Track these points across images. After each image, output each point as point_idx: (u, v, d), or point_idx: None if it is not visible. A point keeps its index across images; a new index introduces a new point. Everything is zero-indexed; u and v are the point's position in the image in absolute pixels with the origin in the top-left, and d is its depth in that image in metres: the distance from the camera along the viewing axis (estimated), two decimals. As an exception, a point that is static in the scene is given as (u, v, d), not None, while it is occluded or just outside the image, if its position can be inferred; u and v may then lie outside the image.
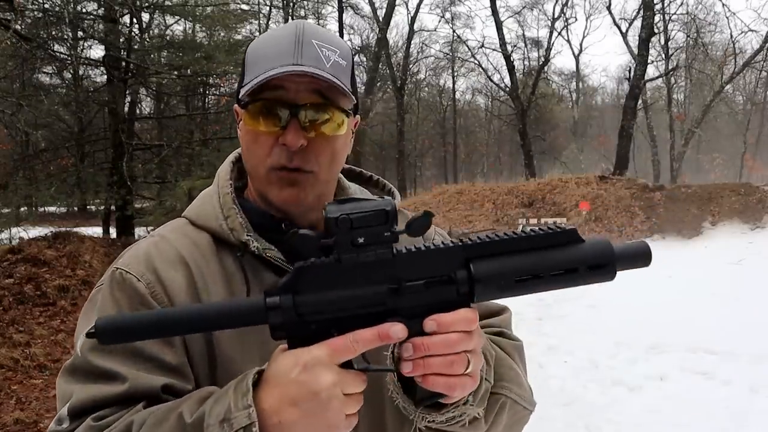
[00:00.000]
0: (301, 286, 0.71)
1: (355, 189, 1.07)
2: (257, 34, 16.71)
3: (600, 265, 0.74)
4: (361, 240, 0.70)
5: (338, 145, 0.91)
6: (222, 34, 12.79)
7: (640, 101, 21.40)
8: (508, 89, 24.77)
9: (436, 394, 0.75)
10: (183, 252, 0.92)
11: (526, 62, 31.92)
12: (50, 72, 14.16)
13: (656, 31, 20.66)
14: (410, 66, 29.43)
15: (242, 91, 0.90)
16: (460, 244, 0.75)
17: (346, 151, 0.95)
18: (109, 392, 0.81)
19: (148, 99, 18.87)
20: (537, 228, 0.75)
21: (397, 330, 0.70)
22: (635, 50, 20.06)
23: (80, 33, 12.69)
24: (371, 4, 24.48)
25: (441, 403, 0.80)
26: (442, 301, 0.73)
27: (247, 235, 0.90)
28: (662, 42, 25.74)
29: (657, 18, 21.33)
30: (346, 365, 0.71)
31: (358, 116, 0.98)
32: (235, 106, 0.98)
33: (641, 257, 0.76)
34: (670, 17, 24.72)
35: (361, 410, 0.86)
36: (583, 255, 0.74)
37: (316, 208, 0.93)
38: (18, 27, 8.66)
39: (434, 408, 0.81)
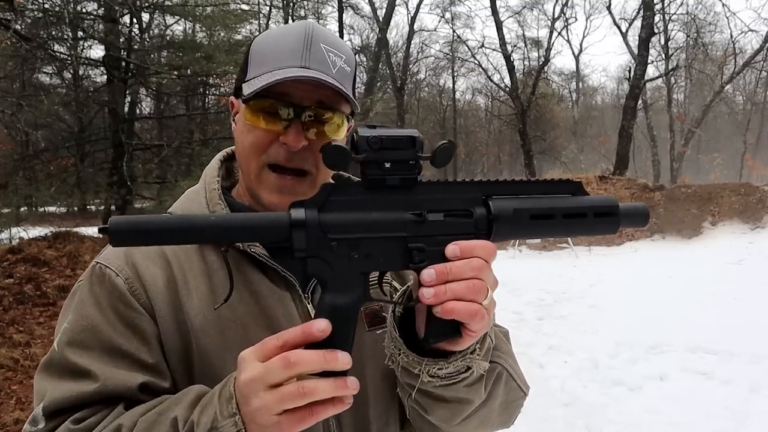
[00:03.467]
0: (327, 203, 0.71)
1: None
2: (257, 34, 16.69)
3: (606, 214, 0.79)
4: (387, 165, 0.71)
5: None
6: (222, 34, 12.77)
7: (640, 101, 21.40)
8: (508, 89, 24.75)
9: (450, 330, 0.74)
10: (164, 248, 0.92)
11: (526, 62, 31.93)
12: (50, 72, 14.17)
13: (656, 31, 20.65)
14: (410, 66, 29.43)
15: (245, 87, 0.89)
16: (478, 181, 0.77)
17: None
18: (82, 391, 0.81)
19: (148, 99, 18.89)
20: (542, 180, 0.79)
21: (321, 325, 0.68)
22: (635, 50, 20.06)
23: (80, 33, 12.69)
24: (371, 4, 24.47)
25: (448, 353, 0.79)
26: (461, 234, 0.74)
27: None
28: (662, 42, 25.75)
29: (657, 18, 21.34)
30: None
31: (353, 121, 0.98)
32: (232, 98, 0.98)
33: (641, 216, 0.82)
34: (670, 17, 24.73)
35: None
36: (592, 202, 0.79)
37: None
38: (18, 27, 8.66)
39: (441, 356, 0.80)
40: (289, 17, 22.39)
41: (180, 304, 0.89)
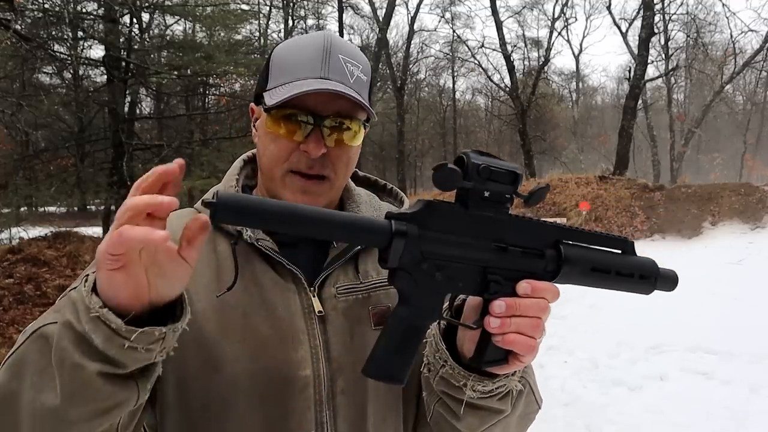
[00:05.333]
0: (427, 220, 0.72)
1: (360, 192, 1.09)
2: (257, 34, 16.74)
3: (647, 277, 0.87)
4: (487, 194, 0.74)
5: (353, 153, 0.97)
6: (222, 34, 12.79)
7: (640, 101, 21.40)
8: (508, 89, 24.75)
9: (502, 356, 0.79)
10: (176, 236, 0.92)
11: (526, 62, 31.92)
12: (50, 72, 14.16)
13: (656, 31, 20.64)
14: (410, 66, 29.41)
15: (267, 97, 0.92)
16: (555, 224, 0.82)
17: (357, 158, 1.00)
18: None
19: (148, 99, 18.90)
20: (603, 232, 0.86)
21: (174, 167, 0.63)
22: (635, 50, 20.05)
23: (80, 33, 12.70)
24: (371, 4, 24.46)
25: (490, 373, 0.83)
26: (530, 273, 0.79)
27: None
28: (662, 42, 25.74)
29: (657, 18, 21.33)
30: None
31: (368, 126, 1.01)
32: (252, 104, 1.01)
33: (672, 281, 0.90)
34: (670, 17, 24.72)
35: (342, 403, 0.91)
36: (640, 264, 0.87)
37: None
38: (18, 27, 8.66)
39: (486, 375, 0.84)
40: (289, 17, 22.41)
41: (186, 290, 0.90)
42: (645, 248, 12.99)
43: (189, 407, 0.88)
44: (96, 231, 13.31)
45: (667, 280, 0.89)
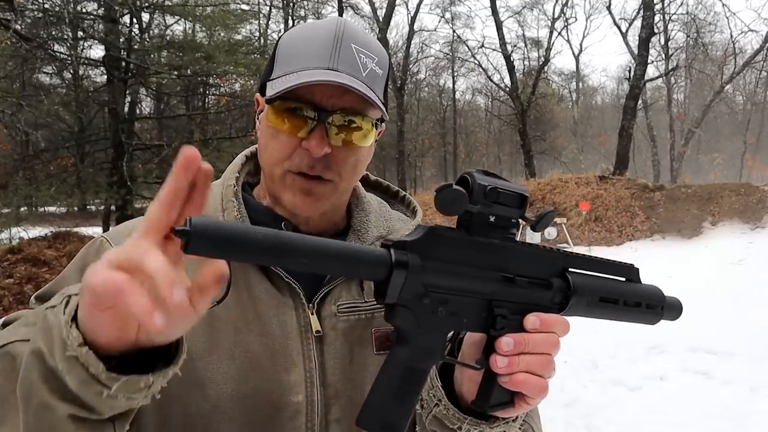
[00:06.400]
0: (429, 249, 0.64)
1: (370, 199, 1.00)
2: (257, 34, 16.72)
3: (653, 307, 0.82)
4: (492, 219, 0.67)
5: (362, 155, 0.86)
6: (222, 34, 12.80)
7: (640, 101, 21.40)
8: (508, 89, 24.74)
9: (508, 398, 0.72)
10: None
11: (526, 62, 31.92)
12: (50, 72, 14.19)
13: (656, 31, 20.64)
14: (410, 66, 29.41)
15: (269, 87, 0.84)
16: (560, 251, 0.75)
17: (368, 161, 0.90)
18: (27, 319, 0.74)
19: (148, 99, 18.91)
20: (609, 259, 0.81)
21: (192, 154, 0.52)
22: (635, 50, 20.06)
23: (80, 33, 12.71)
24: (371, 4, 24.46)
25: (489, 416, 0.75)
26: (536, 305, 0.72)
27: None
28: (662, 42, 25.76)
29: (657, 18, 21.33)
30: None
31: (383, 125, 0.92)
32: (257, 95, 0.92)
33: (677, 311, 0.86)
34: (670, 17, 24.73)
35: (339, 407, 0.84)
36: (648, 293, 0.82)
37: (326, 214, 0.90)
38: (18, 27, 8.66)
39: (483, 419, 0.76)
40: (289, 17, 22.40)
41: None
42: (645, 248, 12.99)
43: (167, 429, 0.78)
44: (96, 231, 13.32)
45: (672, 309, 0.85)
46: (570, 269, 0.75)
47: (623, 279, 0.81)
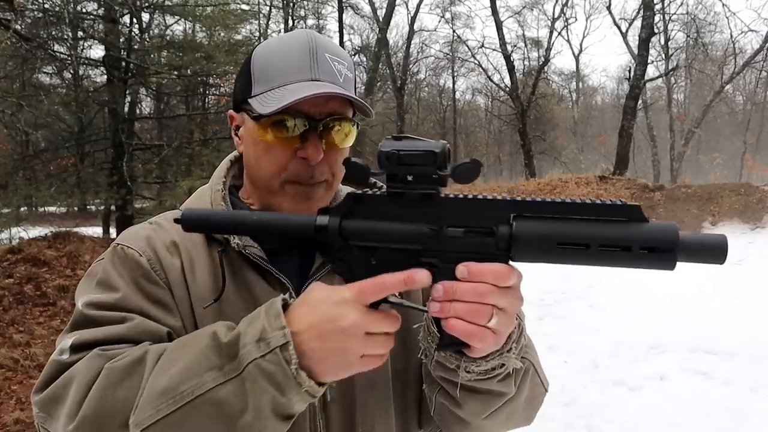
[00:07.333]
0: (351, 212, 0.76)
1: (341, 189, 1.06)
2: (257, 34, 16.71)
3: (656, 249, 0.66)
4: (410, 177, 0.73)
5: (347, 152, 0.95)
6: (222, 34, 12.78)
7: (640, 101, 21.39)
8: (508, 89, 24.74)
9: (458, 341, 0.74)
10: (177, 239, 0.94)
11: (526, 62, 31.91)
12: (50, 72, 14.19)
13: (656, 31, 20.64)
14: (410, 66, 29.41)
15: (256, 104, 0.89)
16: (509, 199, 0.72)
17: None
18: (115, 331, 0.82)
19: (148, 99, 18.90)
20: (597, 199, 0.71)
21: (422, 276, 0.71)
22: (635, 50, 20.05)
23: (80, 33, 12.70)
24: (371, 4, 24.45)
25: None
26: (479, 253, 0.72)
27: None
28: (662, 42, 25.75)
29: (657, 18, 21.33)
30: (375, 306, 0.73)
31: (359, 124, 0.99)
32: (231, 111, 0.98)
33: (710, 251, 0.65)
34: (670, 17, 24.73)
35: (334, 412, 0.92)
36: (640, 234, 0.67)
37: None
38: (18, 27, 8.66)
39: (474, 359, 0.81)
40: (289, 17, 22.39)
41: (190, 293, 0.91)
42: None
43: None
44: (96, 231, 13.32)
45: (698, 250, 0.65)
46: (524, 215, 0.70)
47: (624, 220, 0.68)
